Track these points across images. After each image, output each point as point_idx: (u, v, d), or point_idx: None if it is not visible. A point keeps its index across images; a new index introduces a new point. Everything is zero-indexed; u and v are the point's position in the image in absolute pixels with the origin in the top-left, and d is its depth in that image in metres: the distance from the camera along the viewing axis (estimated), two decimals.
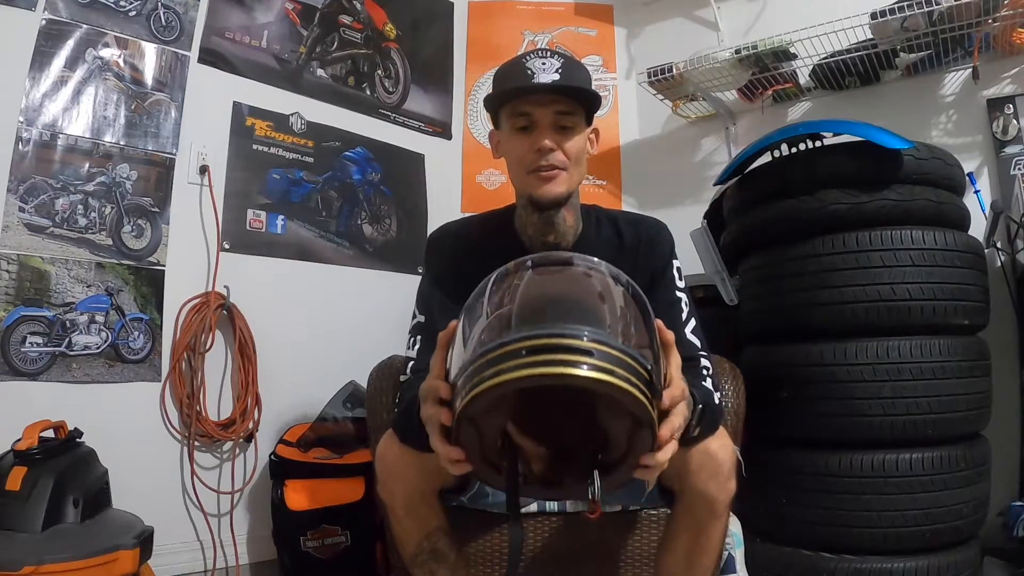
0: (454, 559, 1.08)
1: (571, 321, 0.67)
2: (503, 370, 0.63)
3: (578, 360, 0.63)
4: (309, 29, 2.20)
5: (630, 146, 2.66)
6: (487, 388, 0.64)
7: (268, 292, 1.98)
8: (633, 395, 0.64)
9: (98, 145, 1.74)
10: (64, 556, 1.20)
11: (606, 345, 0.65)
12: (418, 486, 1.03)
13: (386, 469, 1.04)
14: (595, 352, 0.63)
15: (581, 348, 0.64)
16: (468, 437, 0.70)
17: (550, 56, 1.04)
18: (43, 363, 1.60)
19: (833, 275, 1.50)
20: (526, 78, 1.02)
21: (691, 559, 1.03)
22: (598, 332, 0.65)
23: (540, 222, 1.11)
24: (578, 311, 0.70)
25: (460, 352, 0.72)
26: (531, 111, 1.04)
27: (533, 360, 0.63)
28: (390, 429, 1.06)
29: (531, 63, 1.03)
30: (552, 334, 0.64)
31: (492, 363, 0.65)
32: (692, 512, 1.01)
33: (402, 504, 1.04)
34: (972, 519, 1.47)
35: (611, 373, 0.63)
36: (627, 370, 0.65)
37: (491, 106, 1.11)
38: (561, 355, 0.63)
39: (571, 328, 0.65)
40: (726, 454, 0.99)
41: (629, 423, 0.69)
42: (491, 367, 0.64)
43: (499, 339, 0.66)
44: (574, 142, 1.06)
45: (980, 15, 1.75)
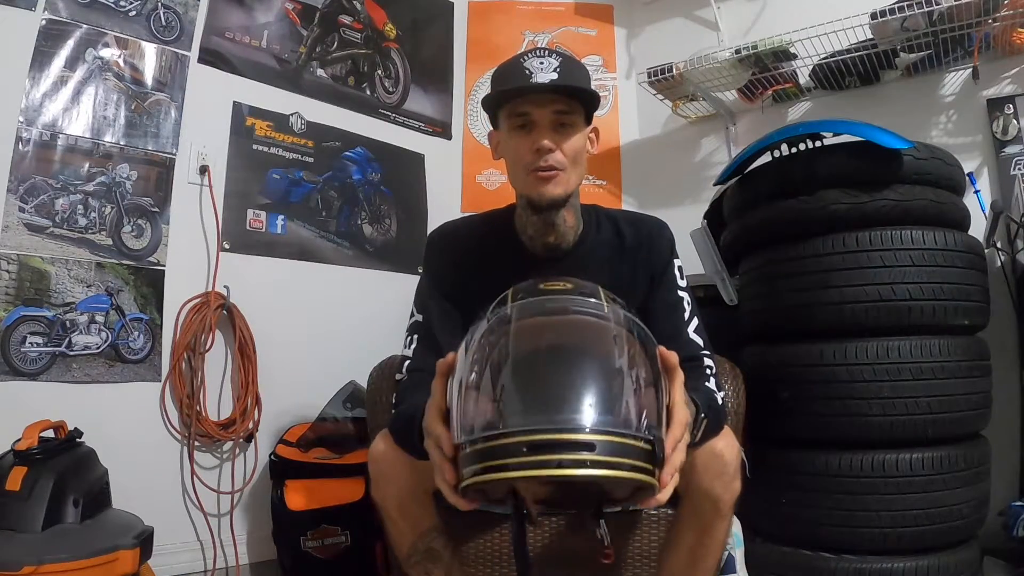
0: (449, 559, 1.08)
1: (571, 403, 0.66)
2: (503, 467, 0.64)
3: (580, 459, 0.63)
4: (309, 29, 2.20)
5: (630, 146, 2.66)
6: (488, 480, 0.65)
7: (268, 292, 1.98)
8: (637, 479, 0.66)
9: (98, 145, 1.74)
10: (64, 556, 1.20)
11: (607, 434, 0.65)
12: (410, 487, 1.02)
13: (378, 470, 1.04)
14: (597, 445, 0.64)
15: (582, 443, 0.64)
16: (475, 494, 0.72)
17: (548, 55, 1.03)
18: (43, 363, 1.60)
19: (833, 275, 1.50)
20: (524, 78, 1.01)
21: (695, 559, 1.03)
22: (599, 419, 0.65)
23: (540, 223, 1.10)
24: (577, 386, 0.68)
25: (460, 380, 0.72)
26: (529, 111, 1.03)
27: (534, 460, 0.63)
28: (384, 430, 1.06)
29: (529, 62, 1.02)
30: (552, 429, 0.64)
31: (491, 454, 0.66)
32: (697, 512, 1.01)
33: (395, 505, 1.04)
34: (972, 519, 1.47)
35: (615, 467, 0.64)
36: (631, 456, 0.65)
37: (489, 106, 1.10)
38: (562, 454, 0.63)
39: (571, 419, 0.65)
40: (732, 454, 0.99)
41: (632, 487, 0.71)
42: (492, 458, 0.65)
43: (499, 423, 0.66)
44: (573, 142, 1.05)
45: (980, 15, 1.75)
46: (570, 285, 0.81)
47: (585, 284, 0.81)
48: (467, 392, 0.70)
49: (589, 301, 0.77)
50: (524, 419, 0.66)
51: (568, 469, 0.63)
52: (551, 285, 0.81)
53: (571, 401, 0.67)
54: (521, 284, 0.83)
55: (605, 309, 0.75)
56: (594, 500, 0.75)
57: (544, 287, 0.80)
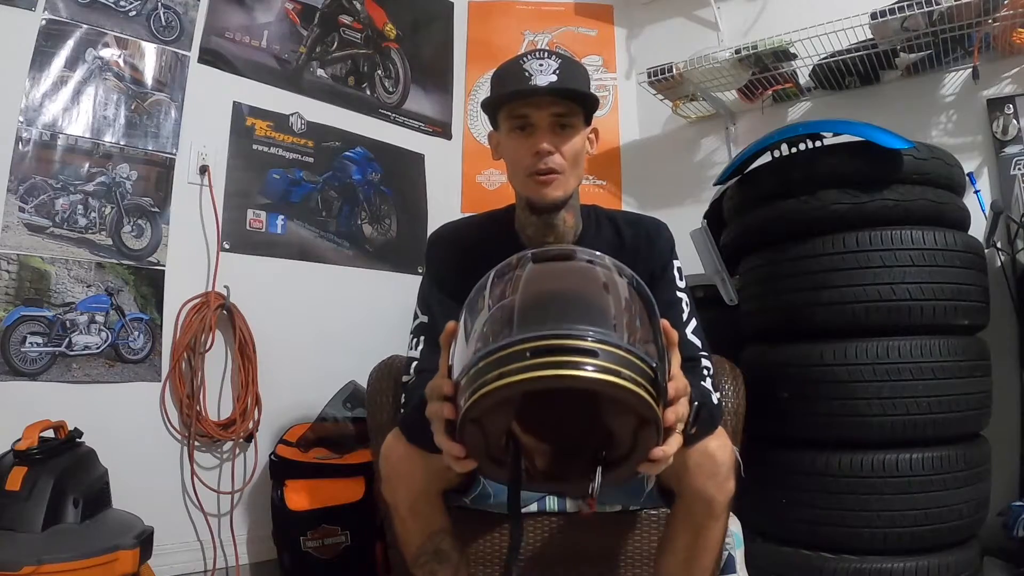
0: (456, 560, 1.08)
1: (574, 318, 0.66)
2: (507, 373, 0.63)
3: (582, 361, 0.62)
4: (309, 29, 2.20)
5: (630, 146, 2.66)
6: (490, 391, 0.63)
7: (268, 292, 1.98)
8: (639, 395, 0.64)
9: (98, 145, 1.74)
10: (64, 556, 1.20)
11: (611, 345, 0.64)
12: (423, 487, 1.02)
13: (391, 469, 1.04)
14: (600, 352, 0.63)
15: (585, 349, 0.63)
16: (472, 436, 0.70)
17: (547, 57, 1.03)
18: (43, 363, 1.60)
19: (833, 275, 1.50)
20: (523, 80, 1.01)
21: (690, 559, 1.03)
22: (602, 331, 0.65)
23: (539, 223, 1.11)
24: (581, 307, 0.69)
25: (463, 348, 0.71)
26: (529, 113, 1.04)
27: (537, 363, 0.62)
28: (396, 428, 1.06)
29: (528, 64, 1.02)
30: (556, 335, 0.64)
31: (495, 364, 0.64)
32: (691, 512, 1.01)
33: (406, 504, 1.04)
34: (972, 519, 1.47)
35: (616, 374, 0.63)
36: (632, 370, 0.64)
37: (489, 108, 1.11)
38: (565, 357, 0.62)
39: (575, 328, 0.64)
40: (724, 454, 0.99)
41: (634, 421, 0.68)
42: (494, 369, 0.64)
43: (502, 339, 0.65)
44: (572, 144, 1.05)
45: (980, 15, 1.75)
46: (575, 248, 0.82)
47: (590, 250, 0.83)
48: (470, 339, 0.70)
49: (594, 253, 0.78)
50: (526, 330, 0.65)
51: (572, 371, 0.62)
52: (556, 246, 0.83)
53: (575, 315, 0.66)
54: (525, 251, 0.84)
55: (608, 261, 0.76)
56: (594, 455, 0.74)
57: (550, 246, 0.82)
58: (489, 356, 0.65)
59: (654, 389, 0.66)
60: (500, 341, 0.65)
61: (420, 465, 0.99)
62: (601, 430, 0.71)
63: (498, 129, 1.12)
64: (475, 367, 0.66)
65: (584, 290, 0.73)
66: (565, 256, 0.78)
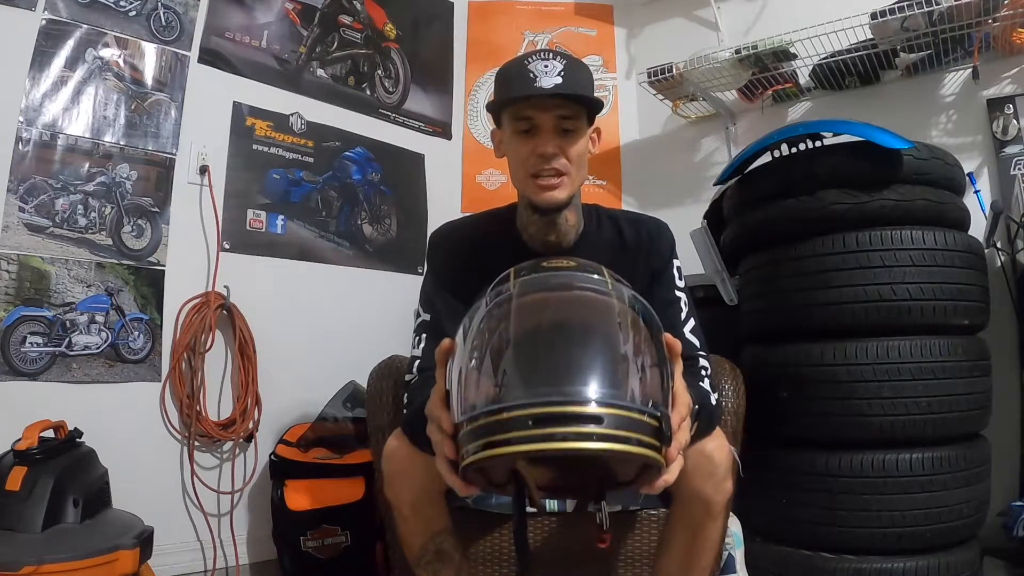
0: (459, 560, 1.08)
1: (577, 376, 0.64)
2: (509, 440, 0.62)
3: (586, 432, 0.61)
4: (309, 29, 2.20)
5: (630, 146, 2.66)
6: (493, 455, 0.63)
7: (268, 292, 1.98)
8: (644, 454, 0.63)
9: (98, 145, 1.74)
10: (64, 556, 1.20)
11: (616, 407, 0.62)
12: (425, 487, 1.02)
13: (394, 469, 1.04)
14: (605, 418, 0.61)
15: (590, 416, 0.61)
16: (474, 476, 0.70)
17: (552, 58, 1.02)
18: (43, 363, 1.60)
19: (833, 275, 1.50)
20: (528, 81, 1.00)
21: (688, 560, 1.03)
22: (607, 391, 0.63)
23: (542, 222, 1.11)
24: (584, 360, 0.66)
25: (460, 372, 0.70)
26: (533, 115, 1.03)
27: (540, 433, 0.61)
28: (398, 429, 1.06)
29: (533, 65, 1.01)
30: (559, 401, 0.62)
31: (497, 428, 0.63)
32: (688, 513, 1.01)
33: (409, 505, 1.04)
34: (972, 519, 1.47)
35: (622, 440, 0.62)
36: (638, 430, 0.63)
37: (493, 108, 1.11)
38: (569, 427, 0.61)
39: (578, 392, 0.63)
40: (722, 455, 0.99)
41: (638, 466, 0.69)
42: (496, 432, 0.63)
43: (503, 398, 0.64)
44: (576, 146, 1.05)
45: (980, 15, 1.75)
46: (573, 263, 0.79)
47: (588, 263, 0.80)
48: (468, 373, 0.68)
49: (593, 278, 0.75)
50: (528, 392, 0.63)
51: (575, 442, 0.61)
52: (554, 263, 0.79)
53: (577, 374, 0.64)
54: (523, 263, 0.82)
55: (609, 286, 0.74)
56: (597, 482, 0.74)
57: (547, 265, 0.78)
58: (490, 416, 0.64)
59: (659, 438, 0.65)
60: (501, 401, 0.64)
61: (422, 466, 0.99)
62: (605, 469, 0.71)
63: (501, 127, 1.12)
64: (475, 422, 0.65)
65: (585, 334, 0.69)
66: (563, 286, 0.75)
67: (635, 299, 0.74)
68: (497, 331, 0.70)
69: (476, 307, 0.75)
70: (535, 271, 0.77)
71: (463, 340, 0.72)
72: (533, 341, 0.69)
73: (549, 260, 0.80)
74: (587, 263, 0.80)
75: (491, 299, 0.73)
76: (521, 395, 0.63)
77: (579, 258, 0.82)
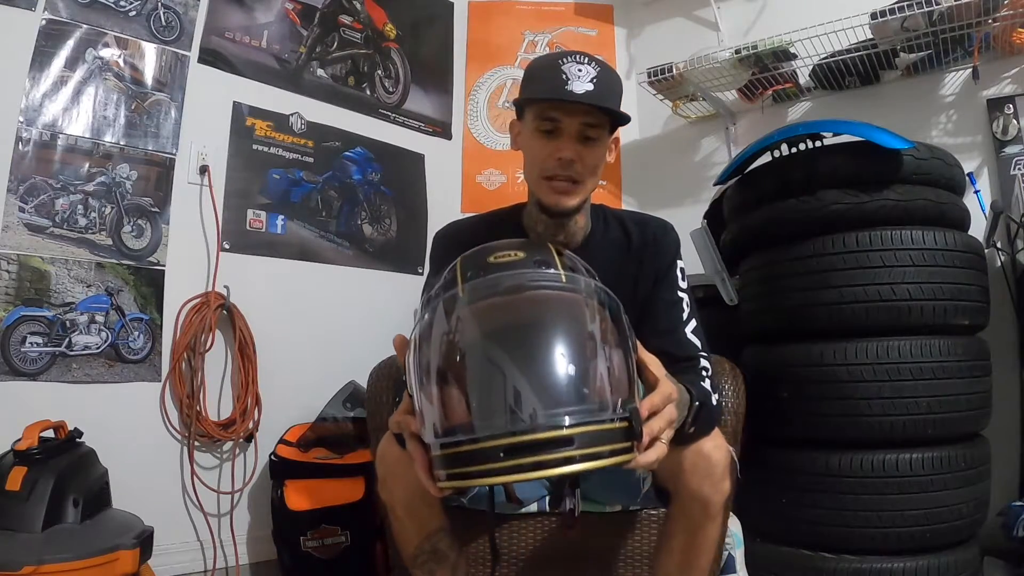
0: (454, 559, 1.08)
1: (543, 397, 0.64)
2: (482, 472, 0.63)
3: (559, 458, 0.61)
4: (309, 29, 2.20)
5: (630, 146, 2.66)
6: (467, 485, 0.64)
7: (268, 292, 1.98)
8: (616, 462, 0.64)
9: (98, 145, 1.74)
10: (64, 556, 1.20)
11: (585, 425, 0.63)
12: (419, 487, 1.02)
13: (387, 470, 1.04)
14: (575, 439, 0.62)
15: (561, 439, 0.62)
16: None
17: (587, 62, 1.00)
18: (43, 363, 1.60)
19: (833, 275, 1.50)
20: (560, 82, 0.98)
21: (687, 560, 1.03)
22: (574, 409, 0.63)
23: (551, 223, 1.11)
24: (547, 377, 0.65)
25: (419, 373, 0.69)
26: (559, 118, 1.02)
27: (512, 464, 0.61)
28: (389, 431, 1.06)
29: (567, 67, 0.99)
30: (528, 429, 0.62)
31: (467, 458, 0.63)
32: (687, 513, 1.01)
33: (402, 504, 1.04)
34: (972, 519, 1.47)
35: (594, 457, 0.62)
36: (609, 440, 0.64)
37: (520, 103, 1.09)
38: (541, 455, 0.61)
39: (546, 417, 0.63)
40: (720, 455, 0.99)
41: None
42: (467, 463, 0.63)
43: (472, 431, 0.64)
44: (595, 154, 1.05)
45: (980, 15, 1.75)
46: (522, 254, 0.77)
47: (538, 250, 0.78)
48: (429, 388, 0.68)
49: (545, 272, 0.73)
50: (495, 420, 0.63)
51: (549, 469, 0.62)
52: (501, 256, 0.76)
53: (543, 395, 0.64)
54: (468, 253, 0.80)
55: (563, 279, 0.72)
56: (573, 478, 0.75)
57: (494, 260, 0.76)
58: (460, 446, 0.64)
59: (630, 437, 0.66)
60: (471, 431, 0.64)
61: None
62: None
63: (522, 119, 1.10)
64: (446, 450, 0.65)
65: (545, 348, 0.67)
66: (515, 288, 0.72)
67: (589, 285, 0.73)
68: (453, 343, 0.69)
69: (426, 309, 0.73)
70: (483, 269, 0.75)
71: (417, 341, 0.71)
72: (492, 360, 0.67)
73: (496, 253, 0.77)
74: (536, 250, 0.78)
75: (440, 302, 0.72)
76: (489, 425, 0.63)
77: (528, 244, 0.79)
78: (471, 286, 0.72)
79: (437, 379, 0.68)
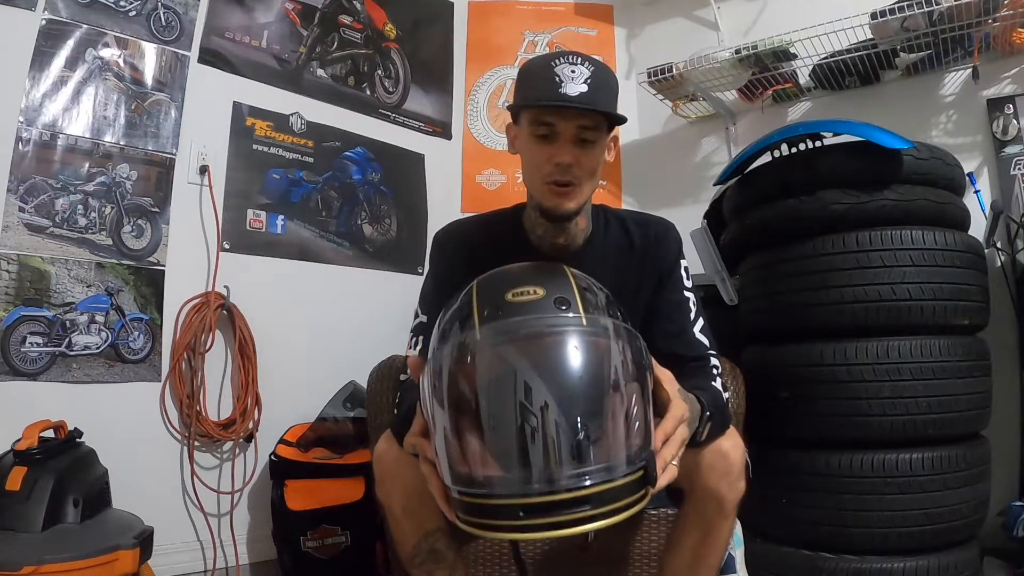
0: (452, 559, 1.08)
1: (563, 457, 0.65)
2: (500, 527, 0.65)
3: (577, 518, 0.63)
4: (309, 29, 2.20)
5: (630, 146, 2.66)
6: (485, 535, 0.66)
7: (268, 292, 1.98)
8: (633, 514, 0.66)
9: (98, 145, 1.74)
10: (64, 556, 1.20)
11: (603, 484, 0.64)
12: (416, 487, 1.02)
13: (384, 470, 1.04)
14: (593, 499, 0.63)
15: (579, 499, 0.63)
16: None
17: (580, 63, 0.98)
18: (43, 363, 1.60)
19: (833, 275, 1.50)
20: (553, 85, 0.97)
21: (697, 558, 1.03)
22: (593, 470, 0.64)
23: (551, 226, 1.10)
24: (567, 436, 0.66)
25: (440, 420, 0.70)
26: (554, 122, 1.00)
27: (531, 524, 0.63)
28: (388, 431, 1.06)
29: (560, 68, 0.97)
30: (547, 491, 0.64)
31: (486, 511, 0.65)
32: (701, 511, 1.01)
33: (400, 505, 1.04)
34: (972, 519, 1.47)
35: (611, 514, 0.64)
36: (626, 494, 0.65)
37: (514, 109, 1.08)
38: (559, 516, 0.63)
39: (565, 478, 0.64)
40: (737, 454, 0.99)
41: None
42: (485, 515, 0.65)
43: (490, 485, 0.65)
44: (593, 156, 1.03)
45: (980, 15, 1.75)
46: (541, 291, 0.75)
47: (557, 286, 0.77)
48: (447, 430, 0.69)
49: (564, 316, 0.72)
50: (514, 478, 0.65)
51: (567, 529, 0.63)
52: (519, 295, 0.75)
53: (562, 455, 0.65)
54: (484, 280, 0.80)
55: (584, 322, 0.71)
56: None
57: (511, 298, 0.74)
58: (479, 498, 0.66)
59: (645, 481, 0.67)
60: (488, 485, 0.66)
61: (413, 466, 0.99)
62: None
63: (518, 124, 1.09)
64: (465, 498, 0.67)
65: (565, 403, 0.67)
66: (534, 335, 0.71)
67: (609, 327, 0.73)
68: (472, 389, 0.69)
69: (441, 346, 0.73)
70: (500, 309, 0.74)
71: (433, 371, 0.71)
72: (511, 414, 0.68)
73: (514, 290, 0.76)
74: (555, 284, 0.77)
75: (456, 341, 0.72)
76: (508, 485, 0.65)
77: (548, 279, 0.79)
78: (490, 329, 0.72)
79: (453, 421, 0.69)
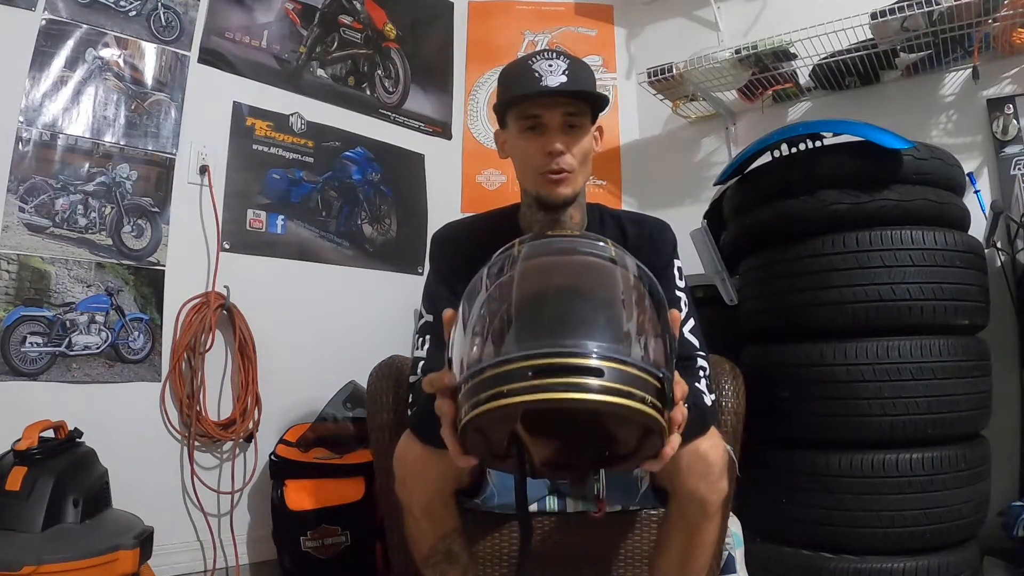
0: (466, 560, 1.08)
1: (578, 330, 0.63)
2: (507, 392, 0.60)
3: (586, 383, 0.59)
4: (309, 29, 2.20)
5: (630, 146, 2.66)
6: (490, 409, 0.61)
7: (268, 292, 1.98)
8: (645, 412, 0.62)
9: (98, 145, 1.74)
10: (64, 556, 1.20)
11: (616, 361, 0.61)
12: (438, 487, 1.03)
13: (406, 470, 1.04)
14: (605, 371, 0.60)
15: (590, 368, 0.60)
16: (474, 439, 0.69)
17: (556, 57, 1.04)
18: (43, 363, 1.60)
19: (833, 275, 1.50)
20: (534, 81, 1.02)
21: (684, 560, 1.03)
22: (607, 345, 0.62)
23: (547, 220, 1.12)
24: (586, 315, 0.65)
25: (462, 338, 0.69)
26: (540, 114, 1.05)
27: (539, 384, 0.59)
28: (408, 430, 1.06)
29: (538, 65, 1.03)
30: (558, 352, 0.61)
31: (496, 381, 0.61)
32: (684, 513, 1.02)
33: (421, 505, 1.04)
34: (972, 519, 1.47)
35: (622, 394, 0.60)
36: (639, 386, 0.61)
37: (499, 109, 1.12)
38: (569, 378, 0.59)
39: (579, 344, 0.61)
40: (717, 454, 0.99)
41: (639, 429, 0.67)
42: (494, 385, 0.61)
43: (503, 352, 0.62)
44: (582, 143, 1.07)
45: (980, 15, 1.75)
46: (578, 232, 0.79)
47: (593, 233, 0.80)
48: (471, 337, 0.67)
49: (598, 245, 0.74)
50: (528, 344, 0.61)
51: (575, 393, 0.59)
52: (558, 231, 0.79)
53: (579, 327, 0.63)
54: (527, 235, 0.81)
55: (614, 253, 0.73)
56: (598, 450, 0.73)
57: (551, 233, 0.78)
58: (490, 369, 0.62)
59: (661, 400, 0.64)
60: (501, 354, 0.63)
61: (435, 466, 1.00)
62: (606, 433, 0.69)
63: (505, 128, 1.12)
64: (474, 379, 0.64)
65: (588, 293, 0.69)
66: (568, 250, 0.75)
67: (640, 269, 0.73)
68: (499, 293, 0.69)
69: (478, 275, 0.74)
70: (539, 237, 0.76)
71: (466, 303, 0.71)
72: (535, 299, 0.68)
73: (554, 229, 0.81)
74: (591, 233, 0.80)
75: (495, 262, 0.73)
76: (521, 348, 0.62)
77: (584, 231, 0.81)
78: (528, 246, 0.73)
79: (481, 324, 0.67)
